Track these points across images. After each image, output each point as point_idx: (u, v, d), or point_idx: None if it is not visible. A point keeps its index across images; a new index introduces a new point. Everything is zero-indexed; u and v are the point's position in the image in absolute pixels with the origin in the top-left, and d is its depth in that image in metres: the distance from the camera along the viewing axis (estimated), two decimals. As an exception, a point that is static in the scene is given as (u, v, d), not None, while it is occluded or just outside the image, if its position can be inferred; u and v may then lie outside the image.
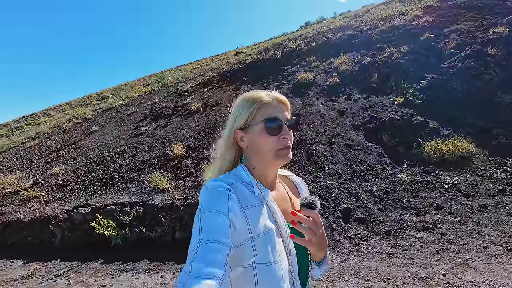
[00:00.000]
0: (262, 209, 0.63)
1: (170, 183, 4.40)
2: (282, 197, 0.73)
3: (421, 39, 7.89)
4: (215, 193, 0.59)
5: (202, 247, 0.50)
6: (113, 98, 18.15)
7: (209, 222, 0.54)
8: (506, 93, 5.05)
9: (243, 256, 0.57)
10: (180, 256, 2.95)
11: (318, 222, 0.61)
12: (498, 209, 2.78)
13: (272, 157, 0.66)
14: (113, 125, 10.47)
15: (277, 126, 0.66)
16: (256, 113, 0.68)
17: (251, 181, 0.67)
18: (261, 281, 0.57)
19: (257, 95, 0.69)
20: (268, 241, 0.60)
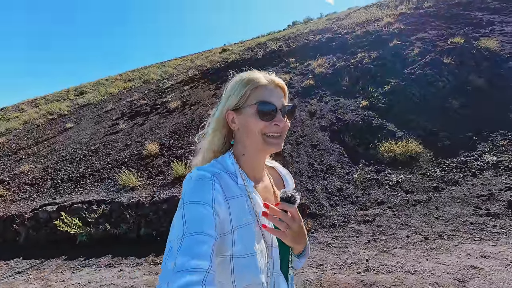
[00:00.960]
0: (244, 200, 0.62)
1: (140, 181, 4.50)
2: (267, 188, 0.71)
3: (389, 46, 8.37)
4: (198, 183, 0.57)
5: (187, 239, 0.48)
6: (92, 93, 17.57)
7: (193, 213, 0.52)
8: (455, 99, 5.56)
9: (222, 246, 0.56)
10: (143, 251, 3.10)
11: (296, 217, 0.60)
12: (428, 204, 3.16)
13: (262, 142, 0.64)
14: (89, 122, 10.24)
15: (270, 111, 0.63)
16: (250, 94, 0.64)
17: (236, 171, 0.65)
18: (237, 272, 0.57)
19: (253, 76, 0.66)
20: (247, 233, 0.59)
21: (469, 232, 2.54)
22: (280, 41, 13.78)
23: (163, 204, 3.52)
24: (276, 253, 0.64)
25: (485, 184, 3.31)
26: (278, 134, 0.64)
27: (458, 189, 3.34)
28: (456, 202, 3.09)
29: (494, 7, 10.79)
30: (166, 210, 3.49)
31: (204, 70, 13.86)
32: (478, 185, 3.34)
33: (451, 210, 2.95)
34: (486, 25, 9.15)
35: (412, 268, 2.02)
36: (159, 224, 3.45)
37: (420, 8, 12.35)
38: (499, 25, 8.99)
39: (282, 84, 0.68)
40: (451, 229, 2.62)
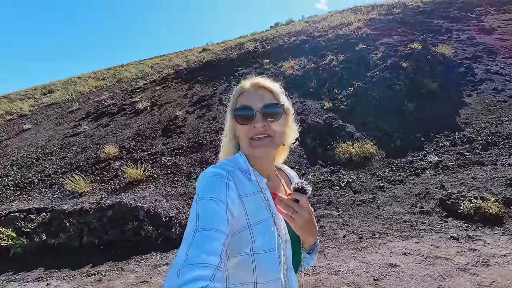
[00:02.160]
0: (259, 197, 0.64)
1: (91, 186, 4.27)
2: (277, 187, 0.74)
3: (356, 49, 8.66)
4: (213, 180, 0.59)
5: (199, 234, 0.50)
6: (60, 92, 16.54)
7: (207, 209, 0.53)
8: (411, 102, 5.85)
9: (240, 244, 0.57)
10: (81, 261, 2.92)
11: (305, 205, 0.62)
12: (372, 203, 3.28)
13: (247, 147, 0.66)
14: (50, 123, 9.61)
15: (246, 115, 0.65)
16: (236, 102, 0.69)
17: (248, 169, 0.67)
18: (258, 268, 0.57)
19: (242, 83, 0.70)
20: (265, 229, 0.60)
21: (400, 230, 2.66)
22: (257, 42, 13.81)
23: (108, 211, 3.35)
24: (289, 248, 0.65)
25: (425, 183, 3.50)
26: (260, 136, 0.65)
27: (401, 188, 3.50)
28: (397, 201, 3.24)
29: (454, 16, 11.55)
30: (111, 217, 3.33)
31: (179, 69, 13.55)
32: (418, 184, 3.52)
33: (390, 209, 3.08)
34: (445, 32, 9.78)
35: (337, 269, 2.07)
36: (103, 232, 3.28)
37: (389, 14, 12.92)
38: (456, 32, 9.64)
39: (267, 85, 0.68)
40: (385, 227, 2.74)
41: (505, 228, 2.44)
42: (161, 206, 3.38)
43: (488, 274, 1.78)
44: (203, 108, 7.63)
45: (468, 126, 4.63)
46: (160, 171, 4.57)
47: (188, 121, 6.91)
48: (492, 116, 4.72)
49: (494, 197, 2.77)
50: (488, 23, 10.20)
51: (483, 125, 4.50)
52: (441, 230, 2.55)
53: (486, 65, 6.83)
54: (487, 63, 6.97)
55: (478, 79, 6.23)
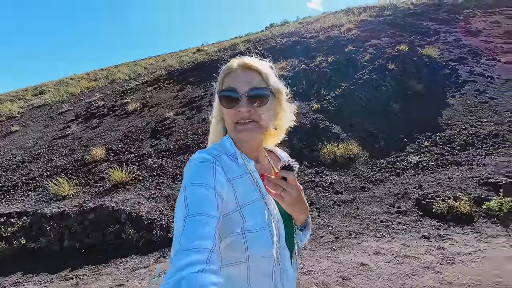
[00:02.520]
0: (248, 179, 0.63)
1: (76, 189, 4.24)
2: (266, 169, 0.73)
3: (345, 51, 8.76)
4: (200, 166, 0.58)
5: (189, 220, 0.49)
6: (51, 93, 16.33)
7: (195, 195, 0.53)
8: (396, 103, 5.95)
9: (231, 225, 0.57)
10: (60, 265, 2.91)
11: (293, 183, 0.62)
12: (352, 203, 3.34)
13: (232, 131, 0.65)
14: (39, 124, 9.49)
15: (230, 98, 0.62)
16: (222, 82, 0.66)
17: (235, 152, 0.66)
18: (250, 246, 0.57)
19: (230, 62, 0.67)
20: (255, 209, 0.61)
21: (376, 230, 2.72)
22: (251, 43, 13.86)
23: (90, 214, 3.34)
24: (281, 227, 0.65)
25: (404, 183, 3.58)
26: (244, 121, 0.63)
27: (381, 189, 3.57)
28: (376, 201, 3.30)
29: (442, 18, 11.76)
30: (93, 220, 3.32)
31: (171, 70, 13.51)
32: (398, 184, 3.59)
33: (369, 209, 3.14)
34: (433, 34, 9.95)
35: (309, 269, 2.11)
36: (84, 235, 3.27)
37: (380, 16, 13.08)
38: (443, 34, 9.82)
39: (254, 65, 0.65)
40: (362, 227, 2.79)
41: (475, 227, 2.51)
42: (143, 209, 3.39)
43: (451, 272, 1.85)
44: (193, 110, 7.63)
45: (449, 126, 4.74)
46: (146, 173, 4.57)
47: (177, 122, 6.90)
48: (473, 117, 4.83)
49: (467, 196, 2.85)
50: (475, 26, 10.41)
51: (464, 125, 4.61)
52: (415, 230, 2.61)
53: (470, 67, 6.98)
54: (471, 64, 7.13)
55: (462, 80, 6.37)
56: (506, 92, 5.39)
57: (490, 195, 2.84)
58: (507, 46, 8.01)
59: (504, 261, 1.90)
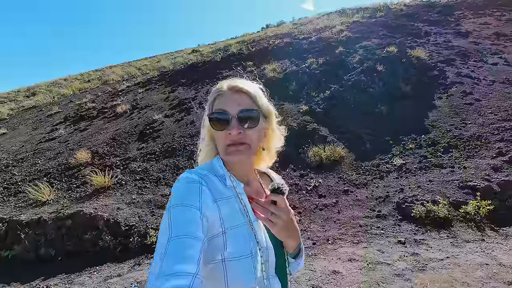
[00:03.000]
0: (235, 202, 0.61)
1: (57, 194, 4.16)
2: (257, 191, 0.70)
3: (336, 52, 8.77)
4: (186, 186, 0.57)
5: (172, 242, 0.47)
6: (43, 94, 16.14)
7: (179, 216, 0.51)
8: (384, 105, 5.96)
9: (213, 251, 0.54)
10: (32, 275, 2.84)
11: (283, 207, 0.60)
12: (334, 207, 3.32)
13: (223, 153, 0.64)
14: (27, 127, 9.35)
15: (221, 120, 0.62)
16: (213, 104, 0.66)
17: (224, 173, 0.64)
18: (230, 276, 0.54)
19: (218, 85, 0.68)
20: (239, 235, 0.58)
21: (354, 235, 2.70)
22: (245, 44, 13.84)
23: (67, 220, 3.27)
24: (271, 255, 0.62)
25: (387, 186, 3.57)
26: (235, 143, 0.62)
27: (363, 192, 3.56)
28: (358, 205, 3.28)
29: (433, 19, 11.85)
30: (70, 226, 3.25)
31: (164, 72, 13.44)
32: (381, 187, 3.58)
33: (349, 213, 3.12)
34: (424, 36, 10.01)
35: (282, 277, 2.08)
36: (61, 243, 3.20)
37: (373, 17, 13.14)
38: (434, 35, 9.89)
39: (244, 88, 0.65)
40: (341, 232, 2.77)
41: (451, 231, 2.50)
42: (122, 215, 3.32)
43: (421, 279, 1.82)
44: (182, 112, 7.57)
45: (434, 128, 4.74)
46: (129, 177, 4.50)
47: (166, 125, 6.84)
48: (458, 118, 4.85)
49: (446, 200, 2.84)
50: (465, 27, 10.51)
51: (448, 127, 4.62)
52: (392, 235, 2.59)
53: (458, 68, 7.03)
54: (459, 66, 7.18)
55: (449, 82, 6.40)
56: (492, 93, 5.43)
57: (469, 199, 2.83)
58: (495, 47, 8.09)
59: (474, 268, 1.88)
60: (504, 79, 5.94)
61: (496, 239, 2.28)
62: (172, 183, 4.61)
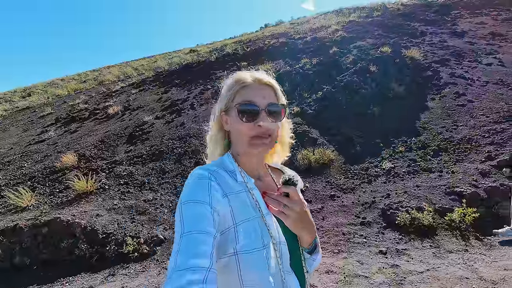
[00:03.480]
0: (246, 196, 0.61)
1: (38, 200, 4.06)
2: (269, 186, 0.69)
3: (329, 52, 8.68)
4: (195, 182, 0.57)
5: (185, 238, 0.48)
6: (38, 95, 16.04)
7: (191, 212, 0.52)
8: (376, 106, 5.87)
9: (225, 244, 0.55)
10: (11, 283, 2.75)
11: (296, 199, 0.59)
12: (318, 214, 3.23)
13: (246, 144, 0.63)
14: (18, 129, 9.25)
15: (251, 112, 0.62)
16: (236, 95, 0.64)
17: (235, 169, 0.65)
18: (244, 269, 0.54)
19: (240, 76, 0.67)
20: (251, 228, 0.57)
21: (336, 243, 2.61)
22: (241, 44, 13.75)
23: (44, 228, 3.18)
24: (284, 249, 0.61)
25: (374, 191, 3.47)
26: (262, 136, 0.62)
27: (350, 197, 3.46)
28: (343, 211, 3.19)
29: (430, 19, 11.77)
30: (46, 234, 3.15)
31: (159, 72, 13.34)
32: (368, 192, 3.49)
33: (334, 220, 3.03)
34: (420, 35, 9.92)
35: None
36: (37, 251, 3.10)
37: (369, 17, 13.05)
38: (430, 35, 9.79)
39: (270, 82, 0.66)
40: (323, 241, 2.68)
41: (435, 240, 2.41)
42: (100, 222, 3.23)
43: (397, 295, 1.74)
44: (173, 113, 7.47)
45: (426, 131, 4.65)
46: (114, 181, 4.40)
47: (156, 127, 6.74)
48: (450, 120, 4.76)
49: (431, 207, 2.75)
50: (461, 27, 10.43)
51: (440, 130, 4.53)
52: (374, 244, 2.50)
53: (452, 69, 6.94)
54: (454, 66, 7.09)
55: (443, 82, 6.31)
56: (485, 94, 5.34)
57: (455, 205, 2.74)
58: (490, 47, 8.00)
59: (454, 283, 1.79)
60: (497, 80, 5.85)
61: (479, 249, 2.19)
62: (157, 188, 4.51)
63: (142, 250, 2.88)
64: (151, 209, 3.54)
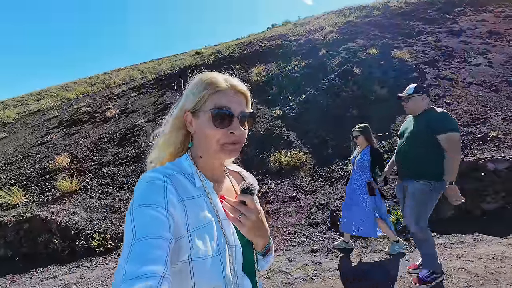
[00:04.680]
0: (203, 201, 0.60)
1: (27, 198, 4.45)
2: (227, 189, 0.70)
3: (319, 55, 8.74)
4: (149, 186, 0.54)
5: (136, 245, 0.46)
6: (50, 98, 16.93)
7: (143, 217, 0.49)
8: (356, 109, 5.92)
9: (179, 252, 0.53)
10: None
11: (252, 207, 0.60)
12: (275, 214, 3.38)
13: (217, 150, 0.62)
14: (25, 131, 9.91)
15: (226, 118, 0.61)
16: (207, 98, 0.62)
17: (193, 173, 0.63)
18: (197, 276, 0.53)
19: (213, 79, 0.63)
20: (206, 233, 0.56)
21: (279, 242, 2.75)
22: (240, 46, 13.97)
23: (26, 224, 3.52)
24: (239, 253, 0.61)
25: (332, 193, 3.58)
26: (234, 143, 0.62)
27: (309, 199, 3.59)
28: (298, 212, 3.33)
29: (430, 17, 11.53)
30: (27, 229, 3.49)
31: (159, 75, 13.77)
32: (326, 194, 3.60)
33: (286, 220, 3.18)
34: (416, 35, 9.78)
35: None
36: (19, 244, 3.45)
37: (369, 17, 12.92)
38: (426, 35, 9.63)
39: (244, 90, 0.66)
40: (269, 240, 2.83)
41: (367, 240, 2.51)
42: (75, 219, 3.54)
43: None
44: (164, 116, 7.78)
45: (396, 133, 4.68)
46: (97, 182, 4.73)
47: (145, 130, 7.07)
48: (423, 123, 4.77)
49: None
50: (460, 25, 10.18)
51: (410, 133, 4.56)
52: (312, 243, 2.63)
53: (439, 70, 6.85)
54: (442, 67, 6.99)
55: (426, 84, 6.26)
56: (464, 96, 5.29)
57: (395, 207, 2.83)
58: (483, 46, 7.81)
59: (357, 277, 1.91)
60: (481, 81, 5.75)
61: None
62: (134, 188, 4.81)
63: (107, 245, 3.16)
64: (124, 208, 3.82)
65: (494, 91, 5.23)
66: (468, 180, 2.71)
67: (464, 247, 2.22)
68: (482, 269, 1.90)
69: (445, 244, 2.30)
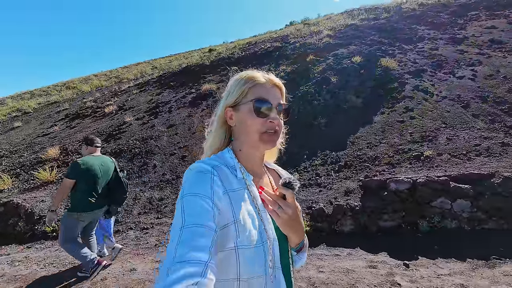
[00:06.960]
0: (244, 193, 0.63)
1: (14, 185, 5.10)
2: (266, 185, 0.72)
3: (306, 60, 8.79)
4: (198, 176, 0.59)
5: (185, 231, 0.49)
6: (70, 90, 18.21)
7: (192, 205, 0.53)
8: (324, 118, 6.00)
9: (226, 239, 0.56)
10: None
11: (291, 202, 0.62)
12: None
13: (257, 139, 0.65)
14: (37, 121, 10.92)
15: (266, 108, 0.65)
16: (247, 92, 0.67)
17: (235, 165, 0.67)
18: (243, 263, 0.56)
19: (252, 75, 0.71)
20: (250, 224, 0.59)
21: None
22: (245, 46, 14.19)
23: (1, 207, 4.11)
24: (276, 246, 0.63)
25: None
26: (272, 131, 0.66)
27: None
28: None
29: (438, 22, 11.07)
30: (2, 212, 4.08)
31: (163, 73, 14.34)
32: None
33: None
34: (415, 41, 9.49)
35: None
36: (-6, 225, 4.05)
37: (375, 20, 12.62)
38: (425, 42, 9.30)
39: (280, 83, 0.73)
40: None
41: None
42: (40, 206, 4.07)
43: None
44: (152, 115, 8.29)
45: (352, 145, 4.76)
46: (73, 174, 5.29)
47: (132, 127, 7.60)
48: (380, 137, 4.79)
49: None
50: (466, 31, 9.72)
51: (363, 145, 4.60)
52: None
53: (422, 81, 6.68)
54: (425, 78, 6.81)
55: (402, 96, 6.17)
56: (431, 111, 5.21)
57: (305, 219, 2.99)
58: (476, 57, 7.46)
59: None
60: (455, 96, 5.59)
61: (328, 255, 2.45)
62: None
63: (60, 231, 3.65)
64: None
65: (464, 107, 5.10)
66: (373, 198, 2.82)
67: (332, 260, 2.36)
68: (323, 279, 2.06)
69: (321, 256, 2.46)
